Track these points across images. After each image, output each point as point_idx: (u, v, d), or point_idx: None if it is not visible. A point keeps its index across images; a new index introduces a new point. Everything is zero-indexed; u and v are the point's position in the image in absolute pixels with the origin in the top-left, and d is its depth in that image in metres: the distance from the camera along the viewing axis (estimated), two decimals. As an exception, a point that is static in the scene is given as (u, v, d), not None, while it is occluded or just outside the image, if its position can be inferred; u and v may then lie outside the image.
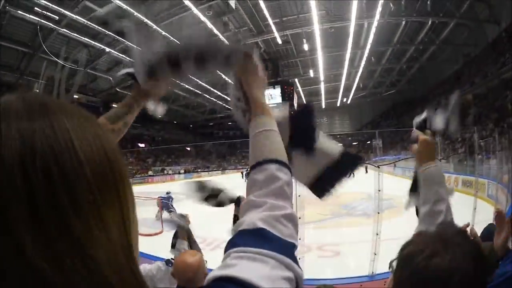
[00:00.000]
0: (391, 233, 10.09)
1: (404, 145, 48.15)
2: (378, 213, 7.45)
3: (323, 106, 66.58)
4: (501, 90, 30.95)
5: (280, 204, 0.86)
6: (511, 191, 12.01)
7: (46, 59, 29.67)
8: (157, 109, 1.74)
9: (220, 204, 2.21)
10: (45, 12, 25.45)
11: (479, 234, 4.67)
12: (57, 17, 26.78)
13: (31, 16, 25.78)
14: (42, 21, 26.34)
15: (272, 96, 29.20)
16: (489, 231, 4.45)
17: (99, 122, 0.56)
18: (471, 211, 8.99)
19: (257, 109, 1.09)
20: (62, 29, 28.25)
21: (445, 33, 37.67)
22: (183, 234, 3.63)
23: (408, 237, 1.33)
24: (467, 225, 1.97)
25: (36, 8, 24.93)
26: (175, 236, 4.01)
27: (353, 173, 1.33)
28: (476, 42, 37.57)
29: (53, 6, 24.67)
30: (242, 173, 39.39)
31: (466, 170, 21.39)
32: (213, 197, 2.30)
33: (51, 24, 27.34)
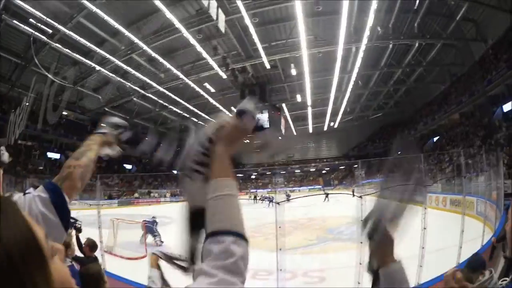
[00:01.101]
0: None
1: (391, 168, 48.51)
2: (361, 242, 7.48)
3: (310, 131, 66.50)
4: (488, 107, 31.22)
5: (231, 280, 0.88)
6: (500, 207, 12.11)
7: (37, 73, 29.63)
8: (113, 152, 2.08)
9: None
10: (39, 25, 25.52)
11: (464, 265, 4.74)
12: (50, 31, 26.90)
13: (25, 27, 25.90)
14: (36, 33, 26.51)
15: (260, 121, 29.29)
16: (475, 262, 4.50)
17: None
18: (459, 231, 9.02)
19: (221, 171, 1.15)
20: (54, 44, 28.36)
21: (432, 54, 38.18)
22: (153, 261, 3.62)
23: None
24: (455, 270, 2.02)
25: (30, 20, 24.98)
26: None
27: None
28: (463, 61, 37.90)
29: (48, 19, 24.85)
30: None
31: (454, 189, 21.53)
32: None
33: (44, 37, 27.48)
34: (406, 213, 1.47)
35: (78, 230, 7.09)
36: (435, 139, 45.29)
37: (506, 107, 29.69)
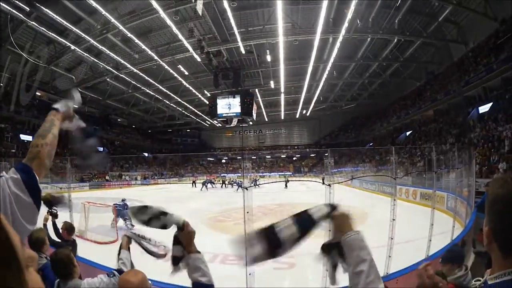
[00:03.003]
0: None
1: (363, 158, 49.04)
2: (330, 230, 7.46)
3: (282, 117, 66.78)
4: (464, 107, 31.74)
5: None
6: (471, 204, 12.31)
7: (12, 52, 28.85)
8: (74, 125, 2.18)
9: (163, 226, 2.20)
10: (17, 2, 24.69)
11: (441, 256, 4.75)
12: (28, 9, 26.04)
13: (3, 4, 24.85)
14: (14, 11, 25.66)
15: (232, 105, 29.16)
16: (453, 253, 4.50)
17: None
18: (429, 224, 9.09)
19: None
20: (31, 22, 27.64)
21: (410, 51, 38.56)
22: (125, 243, 3.56)
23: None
24: (426, 265, 2.02)
25: None
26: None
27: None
28: (441, 60, 38.55)
29: None
30: (193, 182, 39.08)
31: (425, 183, 21.85)
32: (157, 219, 2.27)
33: (22, 15, 26.62)
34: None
35: (55, 216, 6.81)
36: (408, 133, 45.72)
37: (482, 109, 30.16)
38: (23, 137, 43.75)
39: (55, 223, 6.89)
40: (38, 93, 42.94)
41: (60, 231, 6.74)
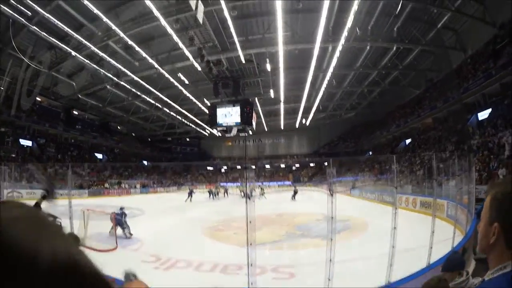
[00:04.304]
0: (348, 255, 10.16)
1: (362, 167, 49.01)
2: (331, 239, 7.45)
3: (282, 127, 66.74)
4: (463, 114, 31.74)
5: None
6: (472, 211, 12.30)
7: (13, 56, 28.89)
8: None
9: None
10: (19, 6, 24.76)
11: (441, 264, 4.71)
12: (30, 13, 26.15)
13: (4, 8, 25.03)
14: (15, 15, 25.71)
15: (231, 114, 29.21)
16: (453, 261, 4.47)
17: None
18: (429, 232, 9.08)
19: None
20: (32, 27, 27.66)
21: (410, 59, 38.59)
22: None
23: (364, 258, 1.37)
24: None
25: (11, 0, 24.19)
26: None
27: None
28: (440, 68, 38.59)
29: (28, 1, 24.04)
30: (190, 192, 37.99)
31: (425, 191, 21.83)
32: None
33: (23, 20, 26.70)
34: None
35: None
36: (407, 141, 45.67)
37: (482, 116, 30.15)
38: (23, 142, 43.65)
39: None
40: (38, 98, 42.92)
41: None
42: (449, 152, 28.80)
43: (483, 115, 30.11)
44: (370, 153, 55.88)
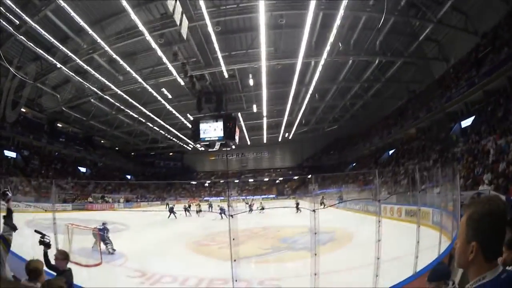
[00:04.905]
0: (333, 266, 10.28)
1: (346, 179, 49.26)
2: (315, 254, 7.58)
3: (265, 141, 67.04)
4: (446, 122, 32.14)
5: None
6: (457, 217, 12.49)
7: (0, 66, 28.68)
8: None
9: None
10: (8, 14, 24.60)
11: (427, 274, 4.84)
12: (18, 22, 25.95)
13: None
14: (3, 22, 25.47)
15: (214, 129, 29.33)
16: (438, 271, 4.62)
17: None
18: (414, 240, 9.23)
19: None
20: (20, 36, 27.44)
21: (392, 71, 39.07)
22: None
23: (349, 269, 1.50)
24: None
25: (1, 8, 24.04)
26: None
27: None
28: (422, 79, 39.00)
29: (17, 9, 23.80)
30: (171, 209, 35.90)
31: (409, 200, 22.02)
32: None
33: (11, 28, 26.41)
34: None
35: (47, 246, 6.13)
36: (391, 152, 46.02)
37: (465, 123, 30.48)
38: (7, 153, 42.86)
39: (47, 254, 6.16)
40: (23, 109, 42.49)
41: (54, 262, 5.98)
42: (433, 160, 29.18)
43: (467, 122, 30.37)
44: (354, 164, 56.21)
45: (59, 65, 31.97)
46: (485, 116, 27.70)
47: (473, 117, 29.66)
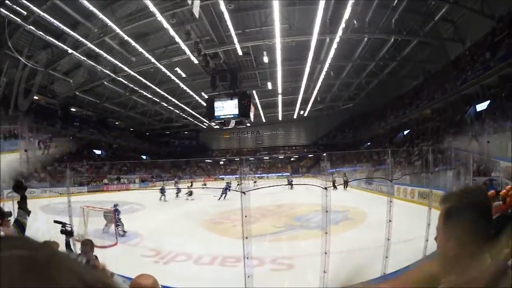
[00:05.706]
0: (346, 246, 10.20)
1: (360, 158, 49.00)
2: (326, 233, 7.50)
3: (280, 118, 66.77)
4: (461, 105, 31.62)
5: None
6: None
7: (10, 57, 28.80)
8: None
9: None
10: (15, 6, 24.68)
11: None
12: (25, 13, 25.99)
13: (1, 9, 24.80)
14: (11, 15, 25.59)
15: (229, 107, 29.18)
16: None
17: None
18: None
19: None
20: (28, 26, 27.54)
21: (407, 50, 38.48)
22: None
23: (362, 249, 1.38)
24: None
25: (7, 1, 24.07)
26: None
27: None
28: (438, 59, 38.35)
29: (24, 1, 23.99)
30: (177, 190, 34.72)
31: (423, 182, 21.82)
32: None
33: (18, 19, 26.53)
34: None
35: (70, 234, 6.14)
36: (405, 132, 45.57)
37: (480, 107, 29.94)
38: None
39: (69, 243, 6.06)
40: (35, 97, 42.66)
41: (80, 251, 5.75)
42: (448, 142, 28.78)
43: (482, 106, 29.90)
44: (368, 144, 55.81)
45: (70, 50, 32.08)
46: (500, 102, 27.21)
47: (488, 102, 29.14)
